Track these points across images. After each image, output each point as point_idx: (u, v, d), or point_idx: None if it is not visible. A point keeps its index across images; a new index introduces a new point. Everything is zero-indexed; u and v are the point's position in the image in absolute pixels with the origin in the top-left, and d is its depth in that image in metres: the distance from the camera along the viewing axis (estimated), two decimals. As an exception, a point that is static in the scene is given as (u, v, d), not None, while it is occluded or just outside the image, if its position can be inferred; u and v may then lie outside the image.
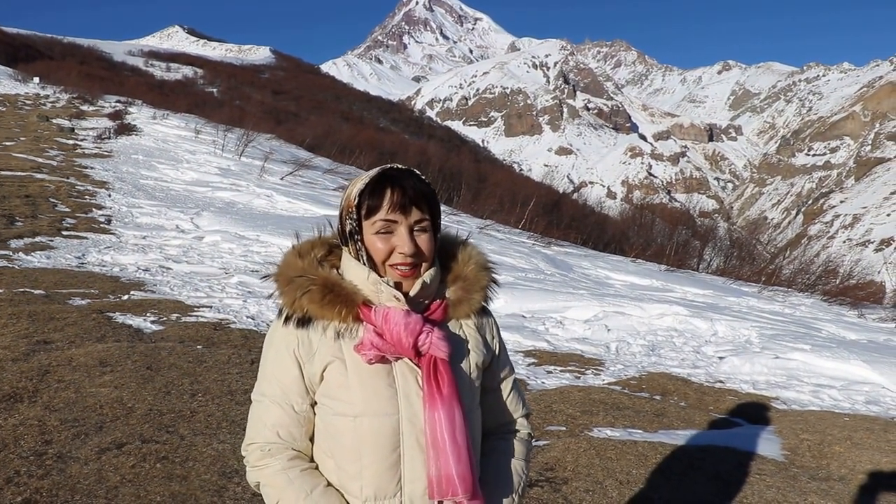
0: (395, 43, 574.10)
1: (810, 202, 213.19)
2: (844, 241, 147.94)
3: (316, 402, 1.88)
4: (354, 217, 1.85)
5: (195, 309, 8.54)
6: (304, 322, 1.85)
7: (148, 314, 7.97)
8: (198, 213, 16.92)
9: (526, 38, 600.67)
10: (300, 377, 1.85)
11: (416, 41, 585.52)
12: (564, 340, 9.47)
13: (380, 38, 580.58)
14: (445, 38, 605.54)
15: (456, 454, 1.78)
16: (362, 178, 1.88)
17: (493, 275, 2.03)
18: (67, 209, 15.39)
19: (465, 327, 1.97)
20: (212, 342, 7.09)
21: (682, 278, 18.78)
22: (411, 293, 1.85)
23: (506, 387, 2.09)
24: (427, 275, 1.86)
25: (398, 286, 1.84)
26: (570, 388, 6.99)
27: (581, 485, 4.69)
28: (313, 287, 1.84)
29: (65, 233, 12.99)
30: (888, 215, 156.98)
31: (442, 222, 1.95)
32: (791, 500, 4.63)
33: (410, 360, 1.84)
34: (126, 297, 8.77)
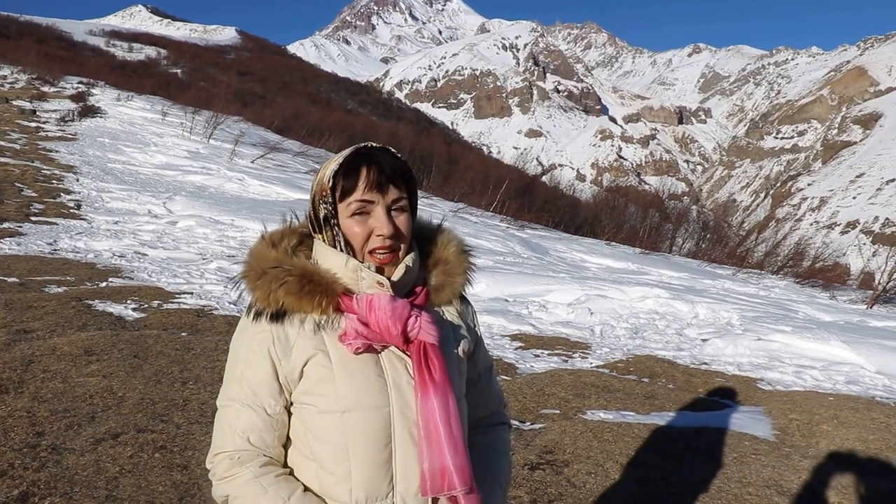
0: (363, 23, 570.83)
1: (778, 185, 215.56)
2: (812, 224, 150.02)
3: (292, 403, 1.74)
4: (330, 201, 1.73)
5: (176, 296, 8.43)
6: (278, 316, 1.71)
7: (128, 301, 7.85)
8: (170, 198, 16.72)
9: (496, 20, 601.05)
10: (273, 376, 1.70)
11: (385, 22, 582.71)
12: (549, 324, 9.48)
13: (348, 18, 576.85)
14: (415, 18, 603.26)
15: (452, 445, 1.67)
16: (335, 160, 1.75)
17: (472, 258, 1.92)
18: (34, 194, 15.14)
19: (448, 313, 1.87)
20: (196, 329, 6.99)
21: (657, 261, 18.90)
22: (394, 278, 1.73)
23: (486, 377, 2.00)
24: (408, 258, 1.75)
25: (379, 272, 1.73)
26: (559, 372, 7.00)
27: (582, 467, 4.69)
28: (290, 278, 1.70)
29: (34, 218, 12.78)
30: (854, 198, 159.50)
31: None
32: (787, 478, 4.71)
33: (398, 347, 1.72)
34: (104, 284, 8.64)
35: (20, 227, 11.85)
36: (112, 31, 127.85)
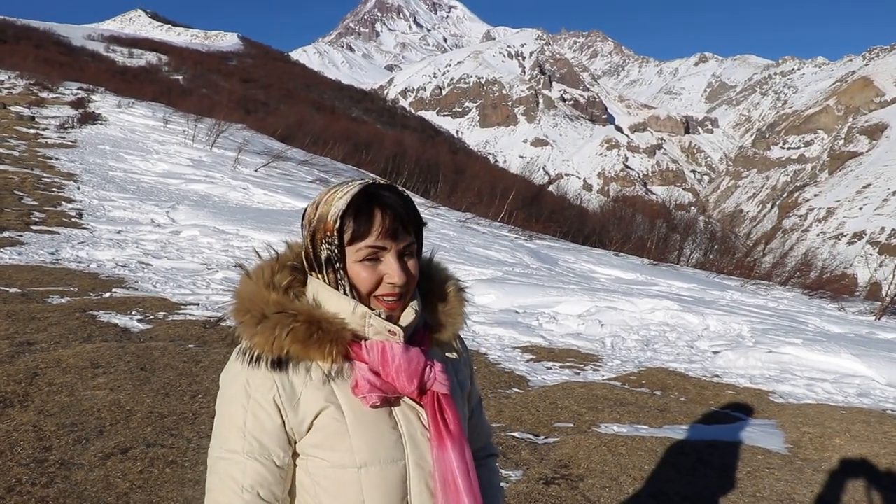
0: (367, 30, 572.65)
1: (785, 195, 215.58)
2: (818, 235, 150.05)
3: (297, 454, 1.64)
4: (336, 243, 1.61)
5: (182, 306, 8.38)
6: (279, 364, 1.59)
7: (133, 312, 7.80)
8: (173, 207, 16.69)
9: (501, 27, 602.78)
10: (281, 427, 1.59)
11: (389, 29, 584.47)
12: (559, 336, 9.42)
13: (351, 25, 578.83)
14: (419, 25, 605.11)
15: (472, 496, 1.61)
16: (339, 197, 1.63)
17: (467, 296, 1.85)
18: (35, 202, 15.07)
19: (449, 355, 1.82)
20: (203, 341, 6.94)
21: (665, 272, 18.83)
22: (402, 323, 1.65)
23: (478, 410, 1.95)
24: (415, 303, 1.68)
25: (388, 318, 1.64)
26: (571, 385, 6.95)
27: (597, 482, 4.66)
28: (296, 324, 1.58)
29: (34, 227, 12.70)
30: (860, 209, 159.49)
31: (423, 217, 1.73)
32: (800, 492, 4.69)
33: (411, 398, 1.65)
34: (108, 294, 8.59)
35: (21, 236, 11.78)
36: (111, 37, 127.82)
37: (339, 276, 1.63)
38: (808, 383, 7.70)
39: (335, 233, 1.60)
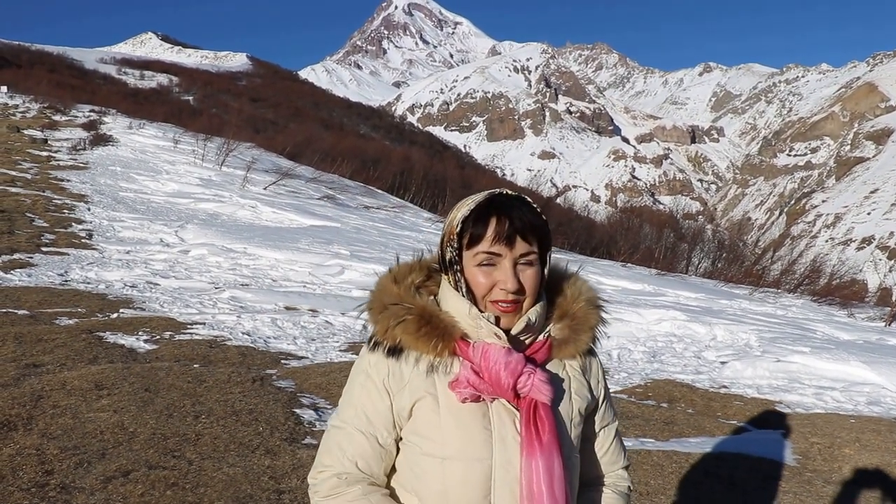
0: (374, 48, 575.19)
1: (793, 202, 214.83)
2: (827, 241, 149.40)
3: (401, 438, 1.76)
4: (455, 245, 1.73)
5: (188, 326, 8.37)
6: (394, 351, 1.73)
7: (140, 333, 7.80)
8: (182, 226, 16.71)
9: (507, 42, 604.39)
10: (389, 408, 1.74)
11: (396, 46, 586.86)
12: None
13: (359, 43, 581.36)
14: (425, 42, 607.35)
15: None
16: (467, 203, 1.76)
17: (604, 313, 1.87)
18: (46, 224, 15.11)
19: (570, 369, 1.83)
20: (209, 360, 6.92)
21: (673, 282, 18.77)
22: (513, 331, 1.71)
23: (607, 436, 1.93)
24: (532, 311, 1.72)
25: (499, 322, 1.71)
26: (576, 399, 6.90)
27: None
28: (409, 317, 1.72)
29: (45, 249, 12.68)
30: (868, 214, 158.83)
31: (425, 237, 1.81)
32: (809, 504, 4.61)
33: (508, 401, 1.70)
34: (115, 315, 8.58)
35: (31, 257, 11.80)
36: (123, 59, 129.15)
37: (457, 278, 1.73)
38: (817, 392, 7.64)
39: (456, 236, 1.73)
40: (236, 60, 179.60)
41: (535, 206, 1.75)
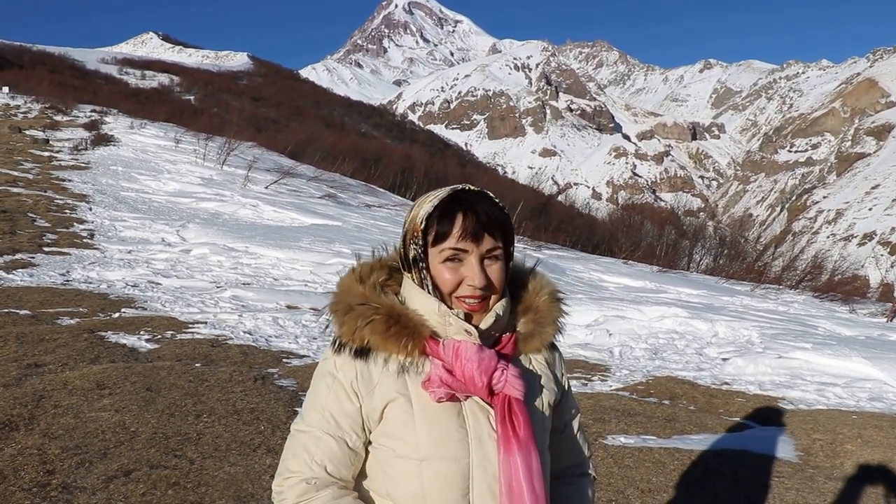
0: (374, 47, 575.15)
1: (794, 198, 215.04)
2: (828, 237, 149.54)
3: (370, 442, 1.73)
4: (420, 243, 1.70)
5: (190, 325, 8.37)
6: (362, 353, 1.70)
7: (141, 332, 7.79)
8: (183, 226, 16.71)
9: (507, 40, 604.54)
10: (357, 410, 1.70)
11: (397, 45, 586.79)
12: (567, 346, 9.36)
13: (359, 41, 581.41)
14: (426, 41, 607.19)
15: (534, 503, 1.64)
16: (430, 200, 1.72)
17: (564, 306, 1.87)
18: (47, 224, 15.12)
19: (536, 362, 1.82)
20: (210, 360, 6.92)
21: (674, 279, 18.77)
22: (482, 326, 1.69)
23: (573, 427, 1.95)
24: (499, 306, 1.71)
25: (468, 318, 1.69)
26: (579, 396, 6.88)
27: (603, 495, 4.61)
28: (377, 317, 1.68)
29: (46, 249, 12.68)
30: (870, 210, 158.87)
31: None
32: (811, 501, 4.64)
33: (482, 399, 1.68)
34: (117, 314, 8.58)
35: (33, 257, 11.80)
36: (124, 59, 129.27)
37: (423, 276, 1.71)
38: (819, 388, 7.62)
39: (420, 234, 1.70)
40: (237, 60, 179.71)
41: (497, 200, 1.74)
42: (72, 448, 4.54)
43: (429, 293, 1.70)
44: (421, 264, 1.70)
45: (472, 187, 1.74)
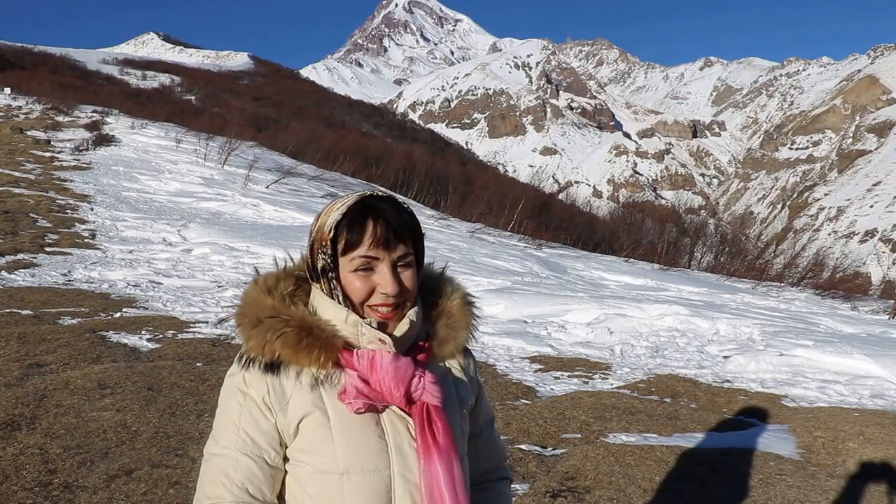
0: (375, 46, 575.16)
1: (795, 196, 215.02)
2: (830, 234, 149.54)
3: (287, 459, 1.66)
4: (329, 252, 1.63)
5: (191, 325, 8.39)
6: (272, 367, 1.62)
7: (143, 332, 7.80)
8: (184, 225, 16.73)
9: (507, 39, 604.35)
10: (273, 426, 1.61)
11: (397, 44, 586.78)
12: (568, 345, 9.37)
13: (360, 41, 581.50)
14: (426, 40, 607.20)
15: None
16: (337, 208, 1.65)
17: (475, 309, 1.83)
18: (49, 224, 15.14)
19: (451, 368, 1.80)
20: (211, 359, 6.93)
21: (676, 277, 18.75)
22: (396, 334, 1.65)
23: (488, 430, 1.92)
24: (412, 313, 1.67)
25: (381, 327, 1.65)
26: (580, 394, 6.90)
27: (604, 493, 4.60)
28: (288, 329, 1.61)
29: (48, 249, 12.71)
30: (871, 207, 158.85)
31: (429, 235, 1.76)
32: (813, 499, 4.63)
33: (399, 407, 1.64)
34: (118, 314, 8.60)
35: (34, 258, 11.82)
36: (125, 60, 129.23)
37: (332, 286, 1.64)
38: (821, 386, 7.62)
39: (329, 243, 1.63)
40: (238, 60, 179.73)
41: (406, 205, 1.69)
42: (73, 447, 4.55)
43: (339, 303, 1.65)
44: (330, 274, 1.65)
45: (380, 192, 1.70)
